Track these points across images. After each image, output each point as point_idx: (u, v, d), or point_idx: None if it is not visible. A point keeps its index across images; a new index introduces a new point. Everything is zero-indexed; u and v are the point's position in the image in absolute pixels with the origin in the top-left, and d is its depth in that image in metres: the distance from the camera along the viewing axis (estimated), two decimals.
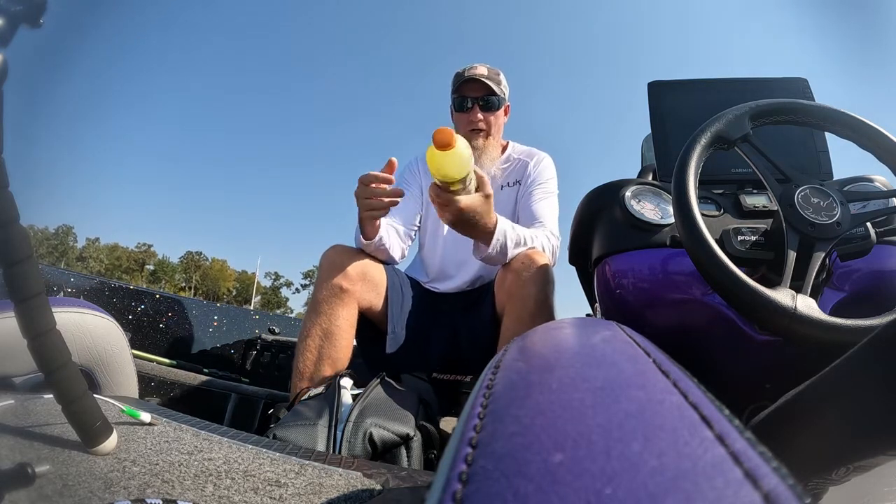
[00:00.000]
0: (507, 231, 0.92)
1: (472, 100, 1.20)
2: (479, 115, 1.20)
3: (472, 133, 1.20)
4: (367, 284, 1.03)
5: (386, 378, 0.84)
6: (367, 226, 1.00)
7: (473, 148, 1.17)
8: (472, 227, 0.87)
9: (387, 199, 0.91)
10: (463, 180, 0.78)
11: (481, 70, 1.21)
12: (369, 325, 1.09)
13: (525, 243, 0.96)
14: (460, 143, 0.73)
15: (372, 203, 0.91)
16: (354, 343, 1.09)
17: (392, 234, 1.12)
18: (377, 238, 1.04)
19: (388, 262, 1.13)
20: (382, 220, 1.03)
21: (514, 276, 0.94)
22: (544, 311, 0.91)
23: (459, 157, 0.74)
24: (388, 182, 0.89)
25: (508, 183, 1.22)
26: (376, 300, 1.06)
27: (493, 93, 1.20)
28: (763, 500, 0.12)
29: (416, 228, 1.26)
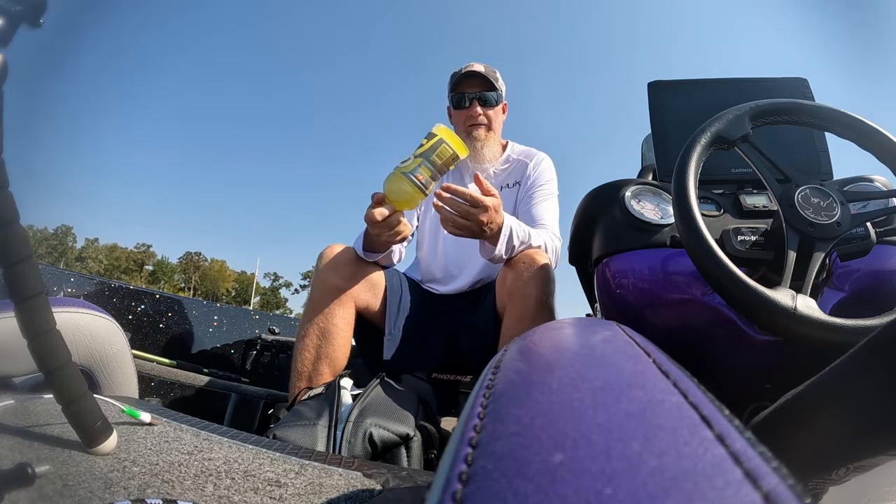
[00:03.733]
0: (513, 228, 0.93)
1: (471, 95, 1.19)
2: (479, 110, 1.19)
3: (472, 127, 1.20)
4: (364, 284, 1.03)
5: (386, 378, 0.84)
6: (381, 248, 1.00)
7: (475, 139, 1.19)
8: (481, 233, 0.88)
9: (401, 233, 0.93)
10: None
11: (477, 67, 1.21)
12: (368, 326, 1.09)
13: (530, 240, 0.97)
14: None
15: (392, 238, 0.93)
16: (354, 343, 1.09)
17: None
18: (385, 253, 1.04)
19: (393, 264, 1.14)
20: None
21: (515, 276, 0.94)
22: (545, 311, 0.91)
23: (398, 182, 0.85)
24: (394, 218, 0.89)
25: (508, 184, 1.21)
26: (374, 300, 1.06)
27: (492, 87, 1.20)
28: (763, 500, 0.12)
29: (414, 228, 1.26)
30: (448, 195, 0.86)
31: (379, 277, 1.07)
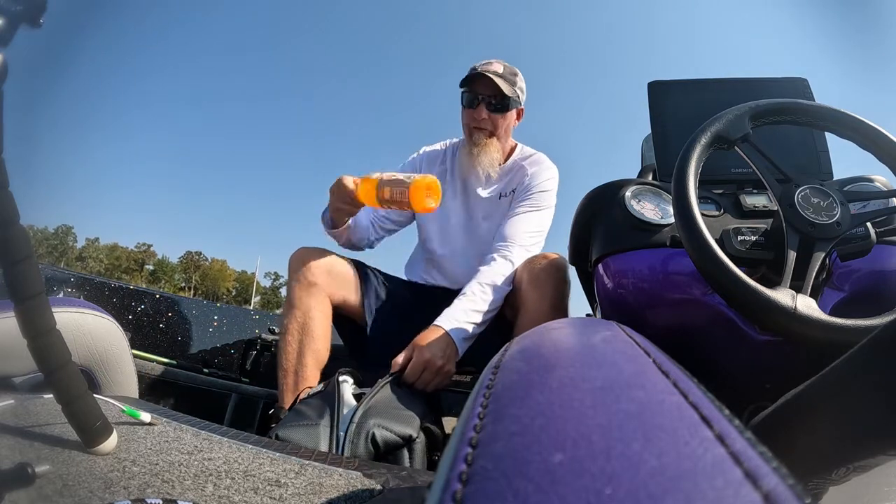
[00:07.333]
0: (456, 326, 0.92)
1: (480, 97, 1.11)
2: (485, 115, 1.11)
3: (475, 130, 1.14)
4: (335, 278, 1.06)
5: (396, 378, 0.83)
6: (336, 218, 1.09)
7: (474, 144, 1.14)
8: (440, 357, 0.88)
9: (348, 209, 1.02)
10: None
11: (496, 67, 1.12)
12: (351, 323, 1.11)
13: (488, 306, 0.97)
14: None
15: (342, 210, 1.03)
16: (342, 342, 1.12)
17: (361, 219, 1.17)
18: (343, 227, 1.11)
19: (356, 247, 1.20)
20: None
21: (530, 277, 0.97)
22: (559, 312, 0.94)
23: None
24: (355, 202, 0.98)
25: (506, 192, 1.18)
26: (350, 295, 1.08)
27: (506, 92, 1.10)
28: (763, 500, 0.12)
29: (394, 227, 1.27)
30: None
31: (347, 271, 1.09)
